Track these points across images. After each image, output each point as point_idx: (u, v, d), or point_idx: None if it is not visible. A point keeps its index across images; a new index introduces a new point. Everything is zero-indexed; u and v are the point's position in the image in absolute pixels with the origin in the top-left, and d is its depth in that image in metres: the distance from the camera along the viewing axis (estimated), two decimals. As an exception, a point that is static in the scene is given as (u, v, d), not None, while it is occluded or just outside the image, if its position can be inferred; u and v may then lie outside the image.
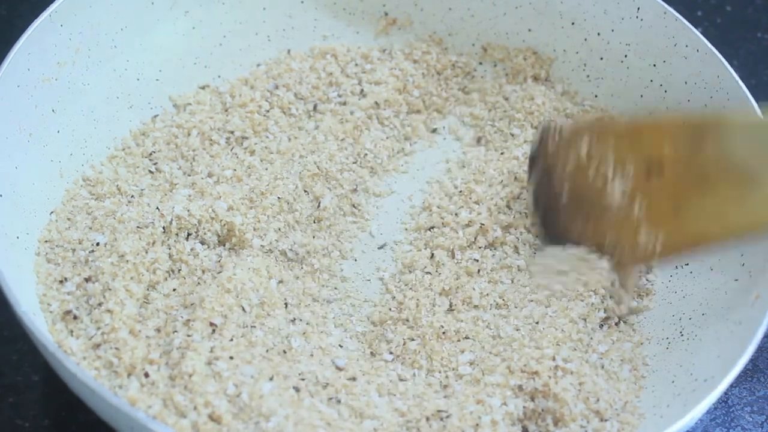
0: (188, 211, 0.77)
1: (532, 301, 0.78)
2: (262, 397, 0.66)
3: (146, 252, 0.74)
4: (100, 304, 0.71)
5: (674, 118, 0.77)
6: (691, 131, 0.73)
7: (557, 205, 0.79)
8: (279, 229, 0.80)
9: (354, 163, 0.87)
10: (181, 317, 0.72)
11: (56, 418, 0.75)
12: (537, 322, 0.75)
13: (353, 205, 0.86)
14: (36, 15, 0.78)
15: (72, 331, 0.70)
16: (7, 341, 0.78)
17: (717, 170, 0.71)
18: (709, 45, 0.84)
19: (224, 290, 0.73)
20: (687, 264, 0.80)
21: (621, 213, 0.74)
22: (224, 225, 0.78)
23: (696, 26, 0.86)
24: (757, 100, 0.79)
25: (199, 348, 0.68)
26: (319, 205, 0.83)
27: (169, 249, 0.76)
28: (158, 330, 0.70)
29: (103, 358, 0.68)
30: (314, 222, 0.83)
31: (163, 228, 0.76)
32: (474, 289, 0.79)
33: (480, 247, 0.82)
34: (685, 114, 0.78)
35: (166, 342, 0.70)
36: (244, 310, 0.73)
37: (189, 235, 0.77)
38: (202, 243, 0.78)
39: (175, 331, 0.70)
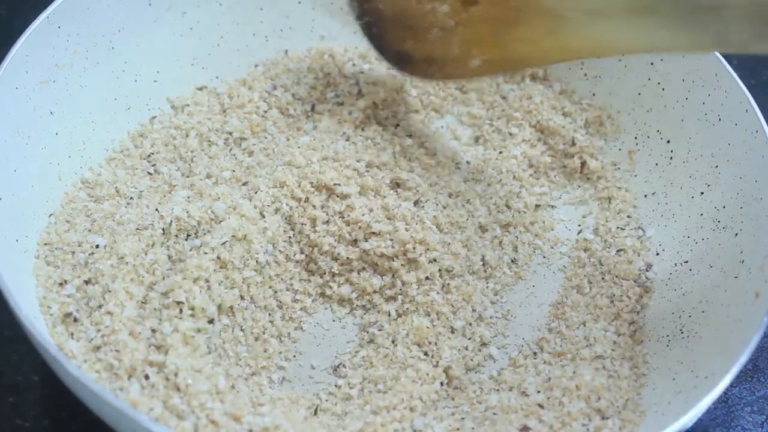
0: (187, 212, 0.77)
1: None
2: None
3: (145, 254, 0.74)
4: (100, 306, 0.70)
5: None
6: None
7: (382, 18, 0.87)
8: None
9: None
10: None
11: (56, 418, 0.75)
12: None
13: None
14: (35, 16, 0.78)
15: (72, 334, 0.70)
16: (7, 341, 0.78)
17: (527, 8, 0.78)
18: (707, 43, 0.84)
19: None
20: (686, 261, 0.81)
21: (444, 32, 0.84)
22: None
23: (695, 25, 0.86)
24: (756, 101, 0.79)
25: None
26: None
27: (168, 250, 0.76)
28: (153, 331, 0.70)
29: (103, 361, 0.68)
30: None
31: (163, 229, 0.76)
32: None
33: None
34: None
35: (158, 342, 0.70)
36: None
37: (188, 236, 0.77)
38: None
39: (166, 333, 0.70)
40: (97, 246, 0.75)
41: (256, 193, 0.80)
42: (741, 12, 0.68)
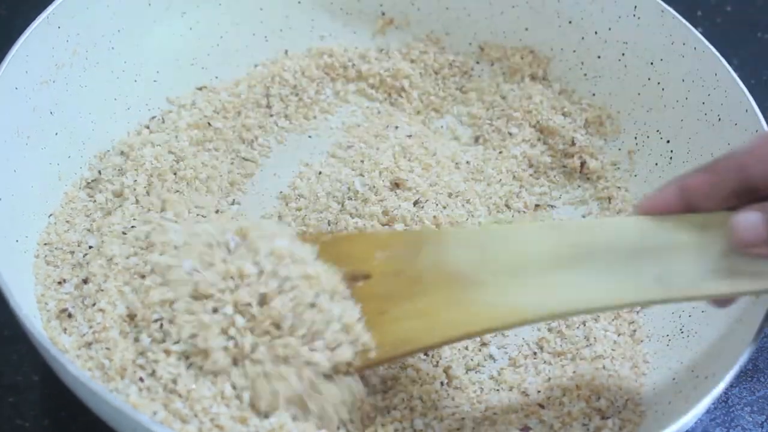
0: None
1: None
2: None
3: (135, 255, 0.74)
4: (94, 304, 0.71)
5: (387, 232, 0.75)
6: (409, 242, 0.70)
7: None
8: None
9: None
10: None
11: (56, 418, 0.75)
12: None
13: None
14: (35, 16, 0.78)
15: (65, 329, 0.70)
16: (7, 341, 0.78)
17: (431, 275, 0.67)
18: (707, 42, 0.84)
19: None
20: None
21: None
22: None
23: (696, 26, 0.86)
24: (756, 101, 0.79)
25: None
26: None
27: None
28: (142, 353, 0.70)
29: (95, 359, 0.68)
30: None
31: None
32: None
33: None
34: (398, 231, 0.77)
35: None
36: None
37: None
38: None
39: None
40: (90, 247, 0.75)
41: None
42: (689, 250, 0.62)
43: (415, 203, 0.82)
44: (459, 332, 0.66)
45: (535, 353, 0.77)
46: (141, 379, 0.66)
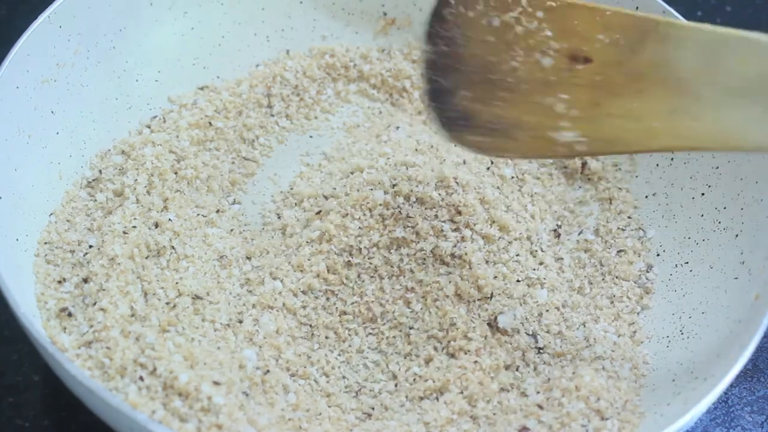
0: (176, 214, 0.78)
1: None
2: None
3: (138, 253, 0.74)
4: (94, 303, 0.71)
5: (619, 11, 0.69)
6: (633, 28, 0.67)
7: (459, 82, 0.71)
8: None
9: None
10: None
11: (56, 418, 0.75)
12: None
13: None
14: (36, 16, 0.78)
15: (65, 328, 0.70)
16: (7, 341, 0.78)
17: (652, 75, 0.65)
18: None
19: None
20: (687, 262, 0.80)
21: (536, 96, 0.68)
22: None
23: (695, 26, 0.86)
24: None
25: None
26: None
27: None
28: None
29: (94, 358, 0.68)
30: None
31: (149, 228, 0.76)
32: None
33: None
34: (632, 11, 0.70)
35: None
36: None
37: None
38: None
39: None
40: (91, 246, 0.75)
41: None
42: None
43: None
44: (666, 144, 0.65)
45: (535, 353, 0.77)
46: (141, 378, 0.66)
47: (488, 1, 0.69)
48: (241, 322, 0.74)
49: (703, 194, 0.82)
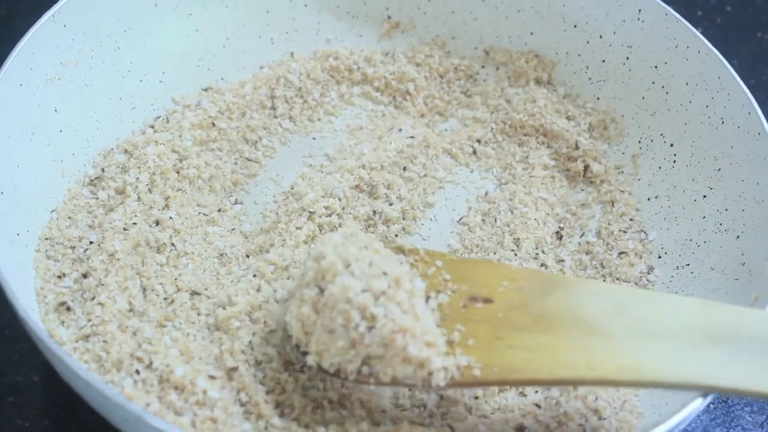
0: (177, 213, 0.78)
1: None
2: None
3: (135, 251, 0.75)
4: (93, 298, 0.71)
5: (520, 268, 0.73)
6: (539, 280, 0.70)
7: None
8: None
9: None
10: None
11: (56, 418, 0.75)
12: None
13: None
14: (36, 15, 0.79)
15: (63, 322, 0.70)
16: (7, 341, 0.78)
17: (559, 318, 0.66)
18: (710, 46, 0.84)
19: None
20: (688, 264, 0.80)
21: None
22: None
23: (696, 26, 0.86)
24: (757, 100, 0.79)
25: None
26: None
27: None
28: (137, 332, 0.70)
29: (92, 351, 0.68)
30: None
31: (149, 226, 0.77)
32: None
33: None
34: (532, 270, 0.76)
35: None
36: None
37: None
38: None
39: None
40: (91, 242, 0.76)
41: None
42: None
43: None
44: (576, 375, 0.64)
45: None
46: (137, 372, 0.66)
47: None
48: None
49: (704, 196, 0.82)
